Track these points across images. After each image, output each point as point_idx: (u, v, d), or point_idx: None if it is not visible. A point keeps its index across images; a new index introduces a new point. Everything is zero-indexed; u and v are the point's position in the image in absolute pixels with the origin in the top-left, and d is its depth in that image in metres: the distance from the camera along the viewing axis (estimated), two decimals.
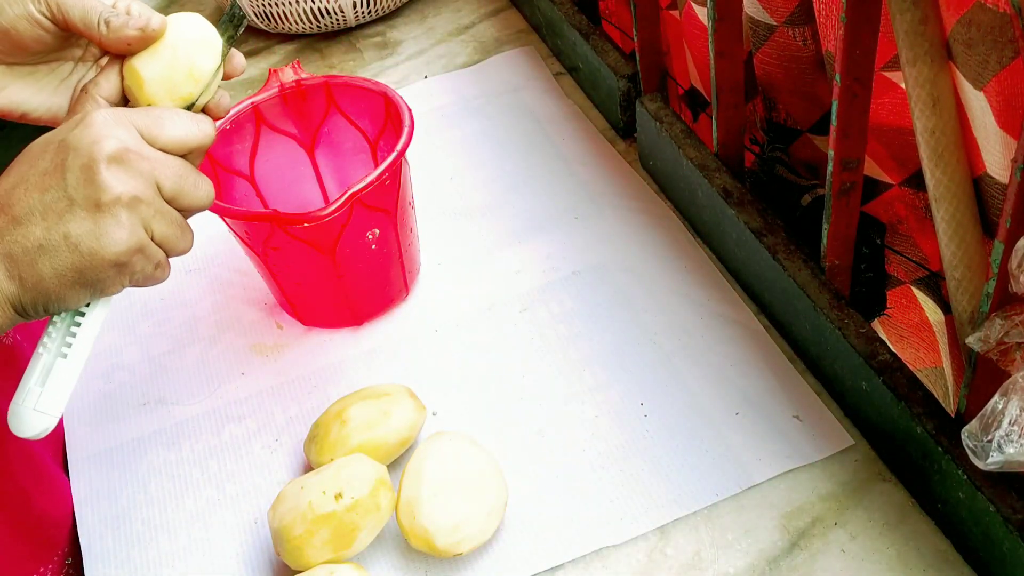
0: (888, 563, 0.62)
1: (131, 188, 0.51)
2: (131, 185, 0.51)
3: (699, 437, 0.70)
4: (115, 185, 0.51)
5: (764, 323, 0.77)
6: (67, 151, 0.51)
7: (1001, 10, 0.51)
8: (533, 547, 0.66)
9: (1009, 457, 0.52)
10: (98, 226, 0.51)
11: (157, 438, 0.77)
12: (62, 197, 0.50)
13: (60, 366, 0.54)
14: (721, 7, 0.72)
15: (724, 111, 0.78)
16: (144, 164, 0.52)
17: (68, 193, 0.50)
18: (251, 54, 1.20)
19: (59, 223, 0.50)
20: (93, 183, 0.50)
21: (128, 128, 0.52)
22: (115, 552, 0.70)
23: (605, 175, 0.93)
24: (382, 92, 0.80)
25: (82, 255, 0.51)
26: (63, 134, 0.52)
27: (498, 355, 0.79)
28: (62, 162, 0.51)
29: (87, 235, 0.51)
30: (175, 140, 0.54)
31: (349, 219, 0.73)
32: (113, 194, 0.51)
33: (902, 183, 0.71)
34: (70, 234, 0.50)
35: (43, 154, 0.52)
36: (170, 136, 0.54)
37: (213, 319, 0.86)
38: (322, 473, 0.65)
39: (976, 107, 0.55)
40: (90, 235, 0.51)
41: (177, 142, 0.54)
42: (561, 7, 1.05)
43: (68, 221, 0.50)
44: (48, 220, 0.50)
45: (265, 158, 0.84)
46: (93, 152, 0.50)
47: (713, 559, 0.64)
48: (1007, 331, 0.52)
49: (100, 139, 0.51)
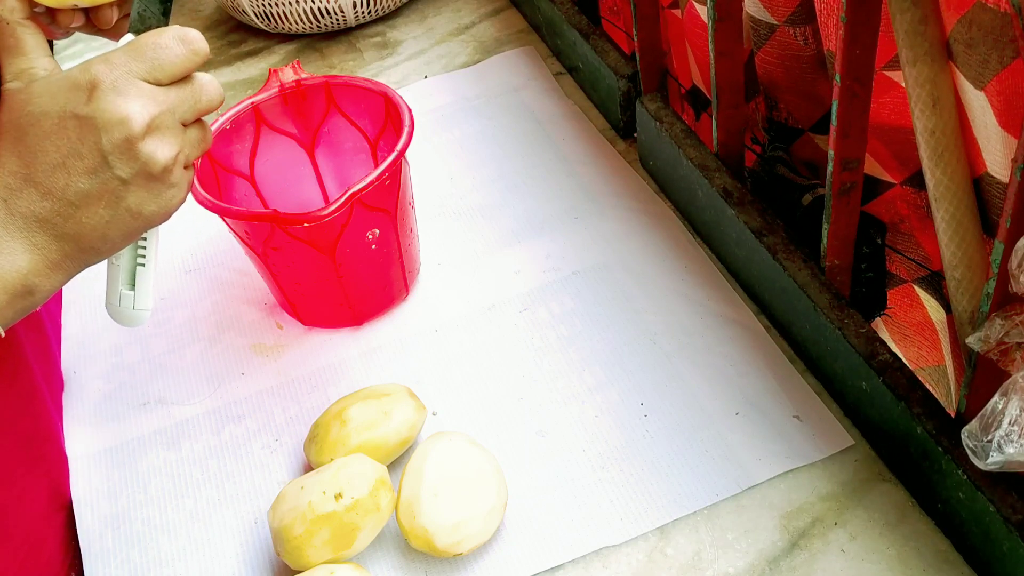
0: (888, 563, 0.62)
1: (170, 146, 0.54)
2: (168, 143, 0.54)
3: (699, 437, 0.70)
4: (159, 154, 0.53)
5: (764, 323, 0.77)
6: (96, 132, 0.52)
7: (1002, 10, 0.51)
8: (533, 547, 0.66)
9: (1009, 457, 0.52)
10: (156, 193, 0.55)
11: (157, 438, 0.77)
12: (112, 178, 0.53)
13: (141, 272, 0.61)
14: (721, 6, 0.72)
15: (724, 111, 0.78)
16: (168, 116, 0.54)
17: (117, 174, 0.53)
18: (251, 54, 1.20)
19: (119, 201, 0.53)
20: (138, 159, 0.53)
21: (138, 86, 0.53)
22: (115, 552, 0.70)
23: (605, 175, 0.93)
24: (382, 92, 0.80)
25: (148, 218, 0.55)
26: (74, 106, 0.52)
27: (498, 355, 0.79)
28: (96, 145, 0.52)
29: (149, 201, 0.55)
30: (179, 71, 0.55)
31: (349, 219, 0.73)
32: (161, 164, 0.54)
33: (903, 182, 0.71)
34: (131, 207, 0.54)
35: (62, 131, 0.52)
36: (173, 72, 0.54)
37: (213, 319, 0.86)
38: (322, 473, 0.65)
39: (976, 107, 0.55)
40: (152, 201, 0.55)
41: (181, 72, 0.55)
42: (561, 7, 1.05)
43: (127, 196, 0.53)
44: (106, 200, 0.53)
45: (265, 158, 0.84)
46: (127, 132, 0.52)
47: (713, 559, 0.64)
48: (1007, 331, 0.52)
49: (127, 115, 0.52)
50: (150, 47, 0.54)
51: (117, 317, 0.63)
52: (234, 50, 1.22)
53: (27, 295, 0.53)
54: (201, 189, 0.73)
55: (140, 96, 0.52)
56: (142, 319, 0.63)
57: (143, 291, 0.62)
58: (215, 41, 1.24)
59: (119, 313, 0.63)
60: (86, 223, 0.53)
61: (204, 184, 0.75)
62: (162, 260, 0.91)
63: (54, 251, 0.53)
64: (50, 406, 0.75)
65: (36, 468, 0.70)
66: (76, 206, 0.53)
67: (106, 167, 0.52)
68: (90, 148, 0.52)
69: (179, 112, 0.55)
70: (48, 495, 0.71)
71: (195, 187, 0.73)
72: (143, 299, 0.62)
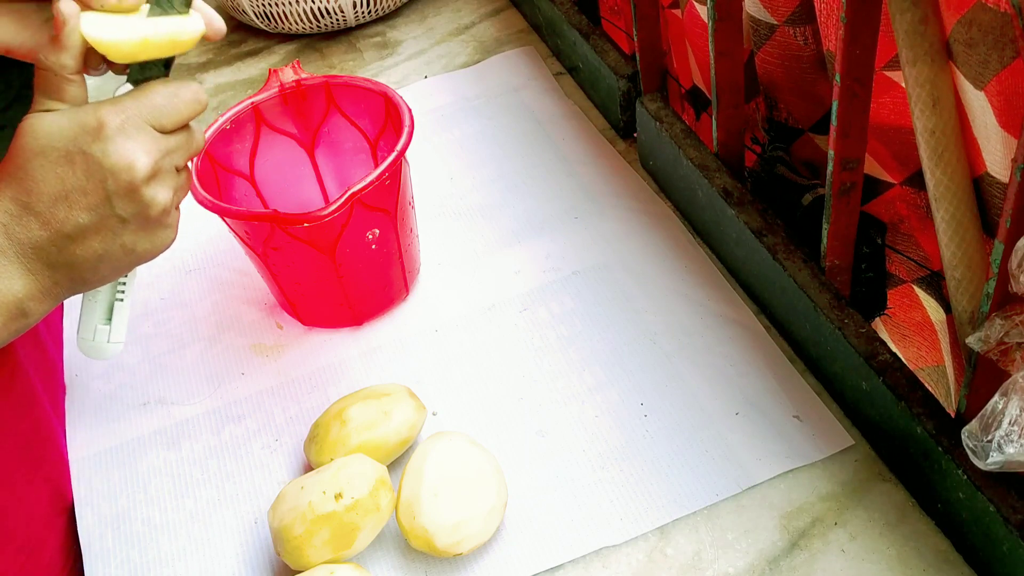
0: (888, 563, 0.62)
1: (168, 191, 0.57)
2: (167, 188, 0.57)
3: (699, 437, 0.70)
4: (159, 198, 0.56)
5: (764, 323, 0.77)
6: (103, 174, 0.54)
7: (1002, 10, 0.51)
8: (533, 547, 0.66)
9: (1009, 457, 0.52)
10: (151, 234, 0.57)
11: (157, 438, 0.77)
12: (111, 216, 0.55)
13: (119, 307, 0.64)
14: (721, 6, 0.72)
15: (724, 111, 0.78)
16: (167, 160, 0.57)
17: (117, 213, 0.55)
18: (251, 54, 1.20)
19: (115, 237, 0.56)
20: (139, 202, 0.55)
21: (145, 131, 0.55)
22: (115, 552, 0.70)
23: (605, 175, 0.93)
24: (382, 92, 0.80)
25: (139, 256, 0.58)
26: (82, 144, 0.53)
27: (498, 355, 0.79)
28: (101, 184, 0.54)
29: (143, 241, 0.57)
30: (182, 121, 0.57)
31: (349, 219, 0.73)
32: (160, 207, 0.56)
33: (903, 182, 0.71)
34: (126, 244, 0.56)
35: (70, 166, 0.53)
36: (178, 121, 0.57)
37: (213, 319, 0.86)
38: (322, 473, 0.65)
39: (976, 107, 0.55)
40: (145, 241, 0.57)
41: (183, 122, 0.57)
42: (561, 7, 1.05)
43: (123, 234, 0.56)
44: (103, 235, 0.55)
45: (265, 158, 0.84)
46: (132, 176, 0.54)
47: (713, 559, 0.64)
48: (1007, 331, 0.52)
49: (132, 162, 0.54)
50: (159, 95, 0.56)
51: (88, 351, 0.64)
52: (234, 50, 1.22)
53: (21, 317, 0.55)
54: (201, 189, 0.73)
55: (146, 141, 0.55)
56: (115, 352, 0.64)
57: (119, 325, 0.64)
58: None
59: (91, 347, 0.64)
60: (80, 255, 0.55)
61: (204, 184, 0.75)
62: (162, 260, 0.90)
63: (46, 278, 0.55)
64: (50, 412, 0.76)
65: (36, 472, 0.70)
66: (72, 239, 0.54)
67: (108, 206, 0.54)
68: (95, 187, 0.54)
69: (175, 158, 0.57)
70: (49, 499, 0.71)
71: (195, 187, 0.73)
72: (118, 332, 0.64)
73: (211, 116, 1.07)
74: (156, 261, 0.60)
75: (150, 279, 0.90)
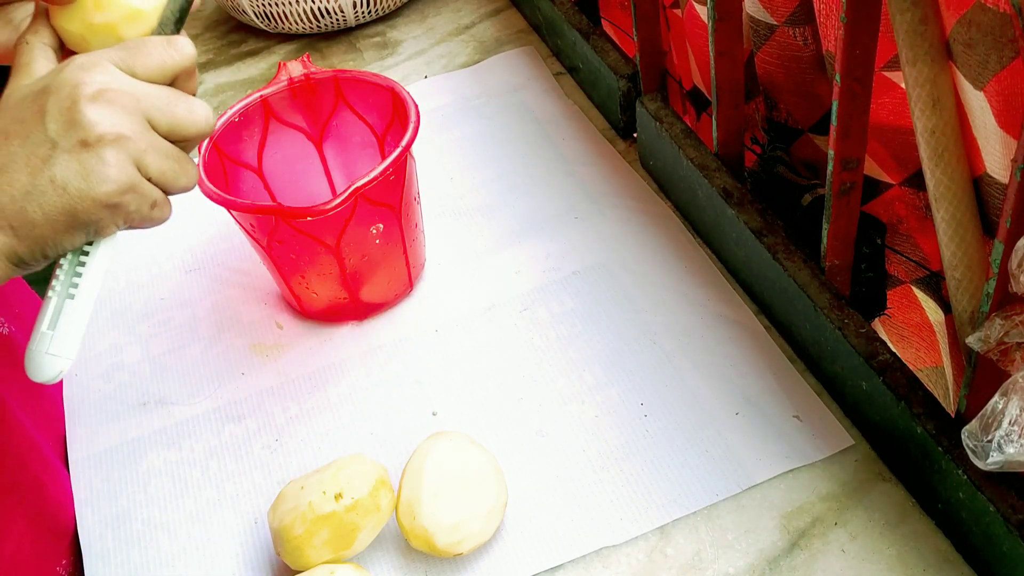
0: (888, 563, 0.62)
1: (116, 124, 0.50)
2: (115, 121, 0.50)
3: (699, 437, 0.70)
4: (98, 122, 0.49)
5: (764, 323, 0.77)
6: (47, 95, 0.49)
7: (1001, 10, 0.51)
8: (533, 547, 0.66)
9: (1009, 457, 0.52)
10: (84, 166, 0.49)
11: (157, 438, 0.77)
12: (44, 140, 0.49)
13: (68, 308, 0.52)
14: (721, 6, 0.72)
15: (724, 111, 0.78)
16: (128, 99, 0.50)
17: (49, 136, 0.49)
18: (251, 54, 1.20)
19: (44, 167, 0.49)
20: (75, 123, 0.49)
21: (105, 65, 0.50)
22: (115, 552, 0.70)
23: (605, 175, 0.93)
24: (390, 87, 0.80)
25: (71, 197, 0.49)
26: (42, 83, 0.51)
27: (498, 355, 0.79)
28: (41, 107, 0.49)
29: (74, 176, 0.49)
30: (156, 67, 0.52)
31: (353, 213, 0.73)
32: (97, 132, 0.49)
33: (902, 183, 0.71)
34: (56, 177, 0.49)
35: (21, 103, 0.50)
36: (149, 64, 0.52)
37: (213, 319, 0.86)
38: (322, 473, 0.65)
39: (976, 107, 0.55)
40: (77, 176, 0.49)
41: (158, 69, 0.52)
42: (561, 7, 1.05)
43: (53, 164, 0.49)
44: (32, 165, 0.49)
45: (273, 151, 0.84)
46: (74, 93, 0.49)
47: (713, 559, 0.64)
48: (1007, 331, 0.52)
49: (80, 80, 0.49)
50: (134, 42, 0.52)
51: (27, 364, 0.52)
52: (234, 50, 1.21)
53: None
54: (208, 181, 0.73)
55: (102, 71, 0.50)
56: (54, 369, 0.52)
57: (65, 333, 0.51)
58: (215, 41, 1.24)
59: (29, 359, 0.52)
60: (6, 190, 0.49)
61: (211, 177, 0.75)
62: (162, 260, 0.91)
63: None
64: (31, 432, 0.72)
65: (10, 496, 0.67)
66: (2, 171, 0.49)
67: (41, 129, 0.49)
68: (36, 112, 0.49)
69: (144, 103, 0.51)
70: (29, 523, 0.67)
71: (202, 179, 0.73)
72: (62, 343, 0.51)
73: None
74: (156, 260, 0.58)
75: (150, 279, 0.90)
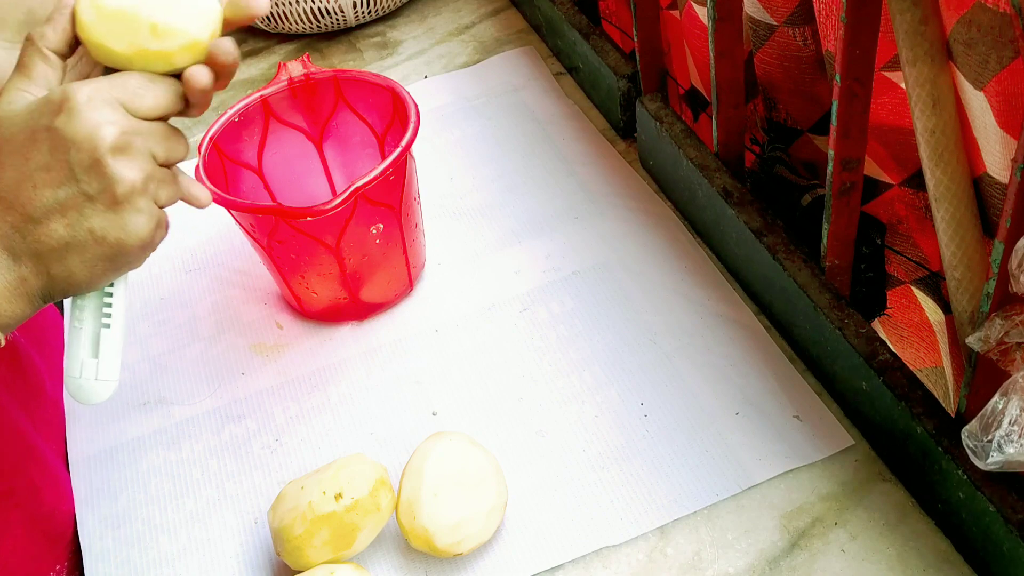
0: (888, 563, 0.62)
1: (139, 171, 0.52)
2: (137, 168, 0.52)
3: (699, 437, 0.70)
4: (126, 175, 0.51)
5: (764, 323, 0.77)
6: (66, 146, 0.50)
7: (1001, 10, 0.51)
8: (533, 547, 0.66)
9: (1009, 457, 0.52)
10: (121, 217, 0.52)
11: (157, 438, 0.77)
12: (77, 194, 0.51)
13: (106, 336, 0.56)
14: (721, 7, 0.72)
15: (724, 111, 0.78)
16: (140, 141, 0.52)
17: (82, 189, 0.51)
18: (251, 54, 1.20)
19: (81, 219, 0.51)
20: (104, 176, 0.51)
21: (114, 107, 0.52)
22: (115, 552, 0.70)
23: (605, 175, 0.93)
24: (390, 87, 0.80)
25: (111, 246, 0.52)
26: (46, 120, 0.51)
27: (498, 355, 0.79)
28: (64, 158, 0.50)
29: (112, 227, 0.52)
30: (156, 110, 0.54)
31: (353, 213, 0.73)
32: (127, 185, 0.52)
33: (902, 183, 0.71)
34: (94, 229, 0.52)
35: (34, 145, 0.51)
36: (150, 107, 0.53)
37: (213, 319, 0.86)
38: (322, 473, 0.65)
39: (976, 107, 0.55)
40: (115, 227, 0.52)
41: (158, 112, 0.54)
42: (561, 7, 1.05)
43: (89, 217, 0.51)
44: (68, 218, 0.51)
45: (273, 151, 0.84)
46: (95, 146, 0.51)
47: (713, 559, 0.64)
48: (1007, 331, 0.52)
49: (96, 130, 0.51)
50: (134, 78, 0.53)
51: (76, 393, 0.56)
52: None
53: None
54: (208, 181, 0.73)
55: (112, 115, 0.51)
56: (105, 393, 0.56)
57: (108, 358, 0.56)
58: None
59: (78, 387, 0.56)
60: (45, 242, 0.51)
61: (211, 177, 0.75)
62: (162, 260, 0.91)
63: (12, 273, 0.51)
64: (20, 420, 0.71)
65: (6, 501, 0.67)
66: (36, 221, 0.51)
67: (72, 181, 0.51)
68: (59, 162, 0.50)
69: (150, 142, 0.53)
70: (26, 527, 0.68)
71: (202, 180, 0.73)
72: (107, 368, 0.56)
73: (212, 116, 1.07)
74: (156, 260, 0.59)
75: (150, 279, 0.90)
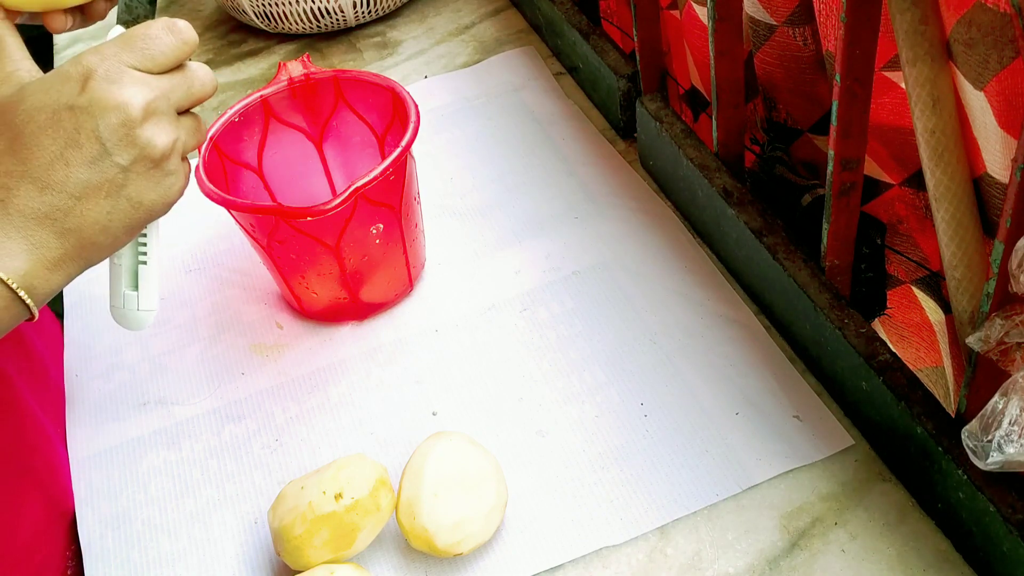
0: (888, 563, 0.62)
1: (168, 135, 0.54)
2: (166, 129, 0.54)
3: (699, 437, 0.70)
4: (158, 140, 0.53)
5: (764, 323, 0.77)
6: (93, 119, 0.51)
7: (1001, 10, 0.51)
8: (533, 547, 0.66)
9: (1009, 457, 0.52)
10: (157, 182, 0.54)
11: (157, 438, 0.77)
12: (112, 165, 0.52)
13: (144, 271, 0.61)
14: (721, 7, 0.72)
15: (724, 111, 0.78)
16: (163, 101, 0.54)
17: (116, 162, 0.52)
18: (251, 54, 1.20)
19: (120, 189, 0.53)
20: (136, 146, 0.52)
21: (132, 74, 0.52)
22: (115, 552, 0.70)
23: (605, 175, 0.93)
24: (390, 87, 0.80)
25: (149, 208, 0.55)
26: (67, 98, 0.51)
27: (498, 355, 0.79)
28: (94, 133, 0.51)
29: (149, 191, 0.54)
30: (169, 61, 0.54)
31: (353, 214, 0.73)
32: (159, 150, 0.53)
33: (902, 183, 0.71)
34: (132, 196, 0.53)
35: (58, 124, 0.51)
36: (163, 61, 0.54)
37: (213, 319, 0.86)
38: (322, 473, 0.65)
39: (976, 107, 0.55)
40: (152, 191, 0.54)
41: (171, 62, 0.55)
42: (561, 7, 1.05)
43: (127, 185, 0.53)
44: (107, 189, 0.52)
45: (273, 151, 0.84)
46: (123, 117, 0.52)
47: (713, 559, 0.64)
48: (1007, 331, 0.52)
49: (124, 103, 0.52)
50: (140, 38, 0.54)
51: (121, 320, 0.62)
52: (234, 50, 1.22)
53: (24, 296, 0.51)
54: (208, 182, 0.73)
55: (134, 83, 0.52)
56: (147, 320, 0.62)
57: (147, 291, 0.61)
58: (215, 41, 1.24)
59: (123, 316, 0.62)
60: (87, 216, 0.52)
61: (211, 177, 0.75)
62: (162, 260, 0.91)
63: (54, 248, 0.52)
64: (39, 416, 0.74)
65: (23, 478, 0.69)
66: (77, 198, 0.52)
67: (105, 155, 0.52)
68: (88, 137, 0.51)
69: (173, 98, 0.54)
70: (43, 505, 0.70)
71: (202, 179, 0.73)
72: (147, 299, 0.61)
73: (211, 117, 1.07)
74: None
75: None
